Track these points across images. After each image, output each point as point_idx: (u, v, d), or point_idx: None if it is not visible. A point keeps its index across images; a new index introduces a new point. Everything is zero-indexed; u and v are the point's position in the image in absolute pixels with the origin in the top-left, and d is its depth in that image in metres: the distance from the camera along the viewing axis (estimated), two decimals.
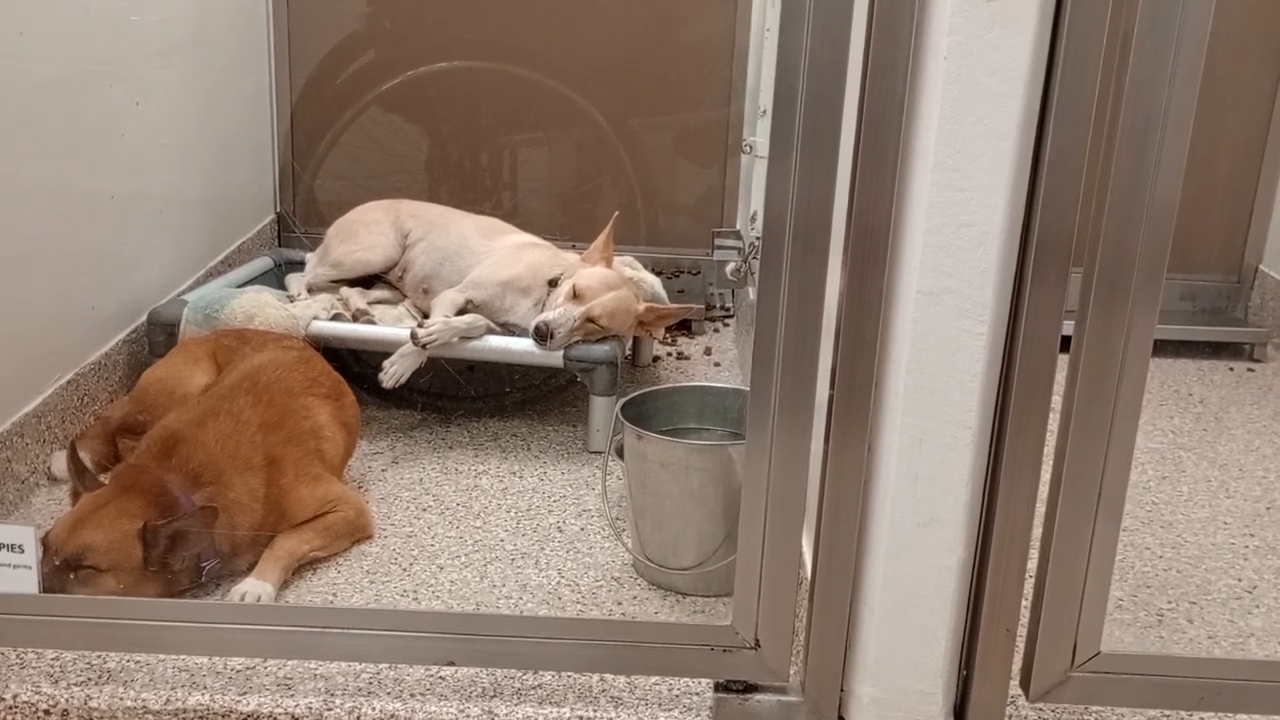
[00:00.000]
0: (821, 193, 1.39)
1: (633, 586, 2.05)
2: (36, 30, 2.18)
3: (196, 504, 1.92)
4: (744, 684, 1.61)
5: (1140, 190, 1.36)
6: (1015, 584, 1.52)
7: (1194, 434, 2.82)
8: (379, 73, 3.39)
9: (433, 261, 2.86)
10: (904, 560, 1.52)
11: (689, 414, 2.22)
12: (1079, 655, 1.54)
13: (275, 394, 2.17)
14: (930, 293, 1.41)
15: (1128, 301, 1.40)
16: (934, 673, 1.56)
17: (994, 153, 1.35)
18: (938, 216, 1.38)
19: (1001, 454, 1.47)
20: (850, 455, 1.48)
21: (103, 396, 2.48)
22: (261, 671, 1.67)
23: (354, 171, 3.45)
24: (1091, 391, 1.44)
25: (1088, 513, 1.48)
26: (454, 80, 3.40)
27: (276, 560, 1.99)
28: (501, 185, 3.55)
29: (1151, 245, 1.38)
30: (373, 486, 2.38)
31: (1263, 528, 2.36)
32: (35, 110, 2.21)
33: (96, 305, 2.50)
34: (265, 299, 2.67)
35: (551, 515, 2.29)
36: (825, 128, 1.36)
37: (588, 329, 2.57)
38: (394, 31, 3.40)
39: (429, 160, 3.50)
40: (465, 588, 2.01)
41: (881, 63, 1.34)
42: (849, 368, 1.45)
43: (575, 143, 3.47)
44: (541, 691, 1.65)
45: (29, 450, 2.21)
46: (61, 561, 1.80)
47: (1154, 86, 1.32)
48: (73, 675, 1.65)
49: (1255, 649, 1.94)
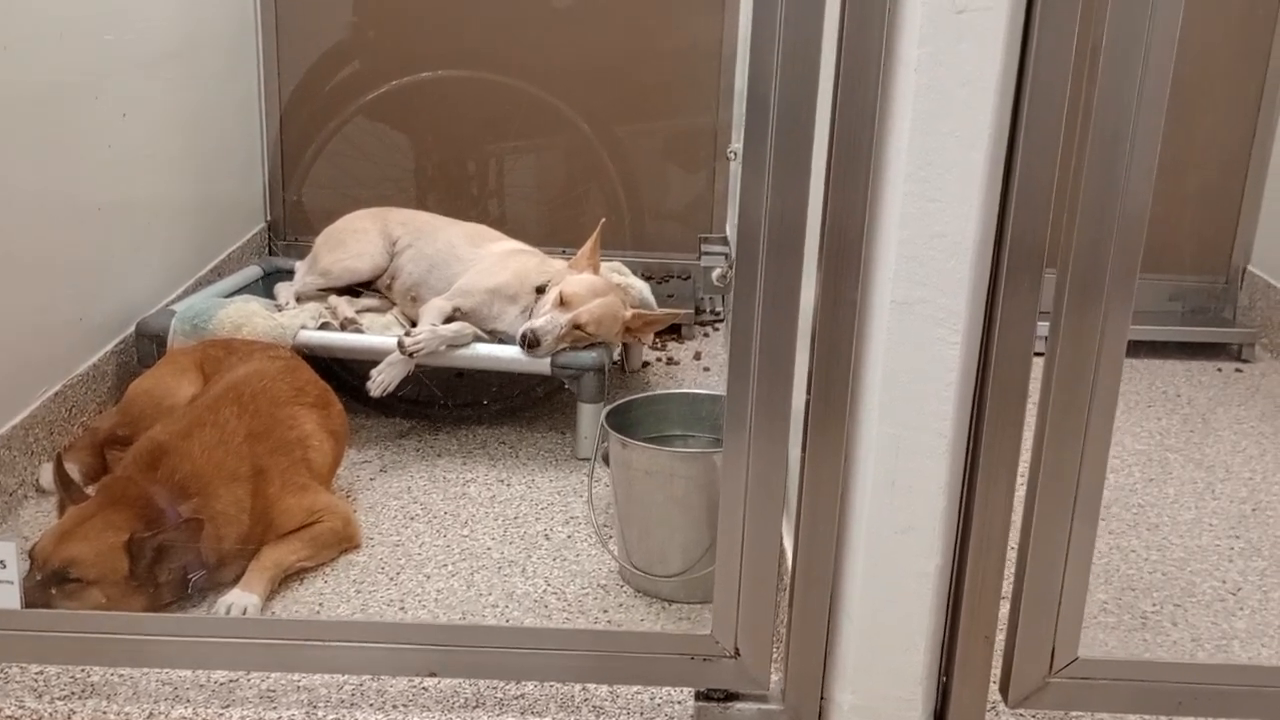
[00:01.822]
0: (795, 203, 1.39)
1: (619, 594, 2.06)
2: (18, 43, 2.18)
3: (182, 515, 1.93)
4: (725, 692, 1.61)
5: (1111, 196, 1.36)
6: (993, 590, 1.52)
7: (1181, 435, 2.83)
8: (366, 82, 3.40)
9: (420, 269, 2.87)
10: (882, 567, 1.52)
11: (674, 421, 2.23)
12: (1057, 661, 1.54)
13: (261, 404, 2.18)
14: (904, 302, 1.41)
15: (1101, 306, 1.41)
16: (914, 679, 1.57)
17: (965, 163, 1.36)
18: (910, 227, 1.38)
19: (978, 460, 1.48)
20: (827, 463, 1.49)
21: (91, 408, 2.49)
22: (244, 684, 1.68)
23: (342, 180, 3.46)
24: (1066, 396, 1.45)
25: (1064, 517, 1.49)
26: (440, 89, 3.41)
27: (263, 571, 1.99)
28: (488, 193, 3.55)
29: (1123, 250, 1.39)
30: (360, 495, 2.38)
31: (1248, 529, 2.36)
32: (20, 122, 2.22)
33: (84, 316, 2.50)
34: (253, 308, 2.68)
35: (539, 523, 2.30)
36: (797, 138, 1.37)
37: (575, 335, 2.57)
38: (380, 41, 3.41)
39: (416, 168, 3.51)
40: (452, 596, 2.01)
41: (852, 74, 1.35)
42: (825, 376, 1.45)
43: (562, 150, 3.48)
44: (524, 701, 1.66)
45: (16, 463, 2.21)
46: (48, 574, 1.80)
47: (1123, 95, 1.33)
48: (56, 689, 1.66)
49: (1239, 651, 1.95)
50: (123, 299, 2.67)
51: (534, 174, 3.53)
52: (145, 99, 2.74)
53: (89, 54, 2.48)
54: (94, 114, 2.51)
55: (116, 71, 2.59)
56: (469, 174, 3.52)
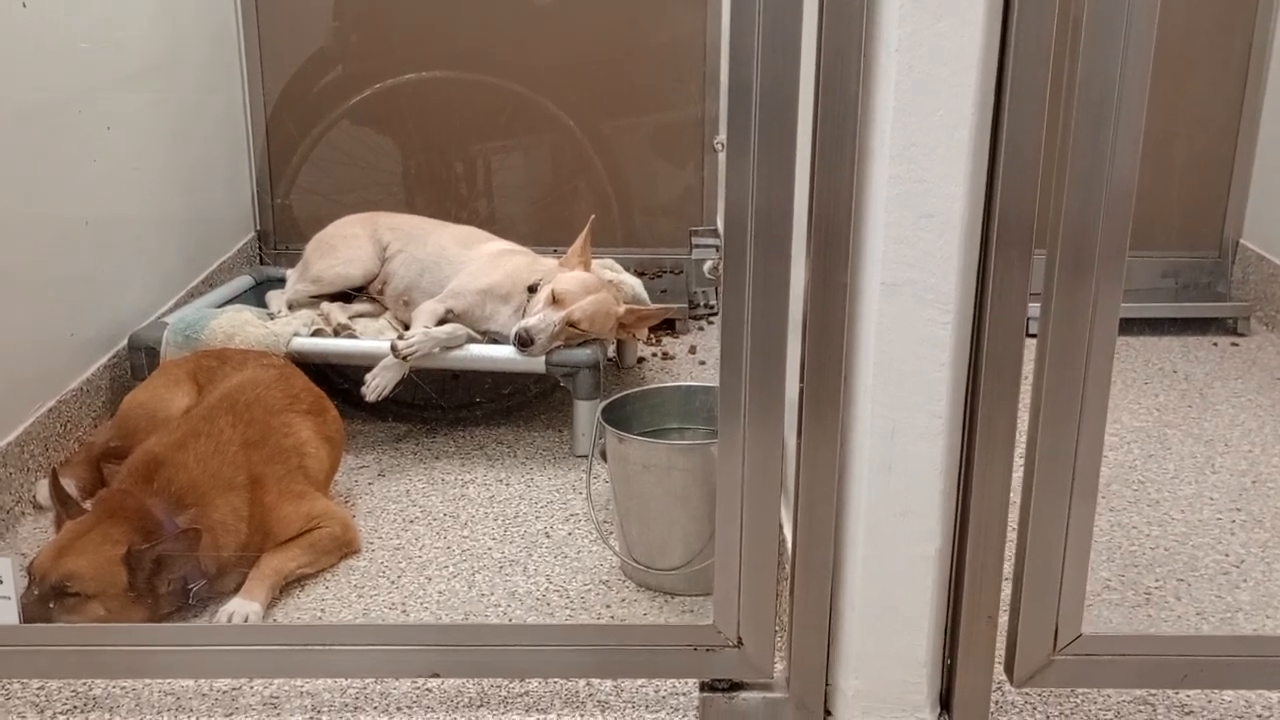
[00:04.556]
0: (781, 189, 1.39)
1: (621, 589, 2.05)
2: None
3: (180, 526, 1.92)
4: (729, 682, 1.61)
5: (1098, 171, 1.36)
6: (994, 570, 1.52)
7: (1179, 411, 2.83)
8: (350, 86, 3.39)
9: (412, 273, 2.86)
10: (882, 552, 1.52)
11: (671, 414, 2.23)
12: (1061, 638, 1.54)
13: (256, 413, 2.17)
14: (894, 284, 1.41)
15: (1091, 282, 1.40)
16: (917, 663, 1.56)
17: (950, 142, 1.35)
18: (897, 209, 1.38)
19: (974, 441, 1.48)
20: (823, 449, 1.49)
21: (86, 423, 2.48)
22: (248, 692, 1.67)
23: (330, 186, 3.45)
24: (1060, 373, 1.44)
25: (1063, 495, 1.49)
26: (425, 91, 3.40)
27: (263, 579, 1.99)
28: (477, 194, 3.55)
29: (1112, 225, 1.38)
30: (359, 500, 2.38)
31: (1249, 501, 2.36)
32: (5, 138, 2.21)
33: (76, 331, 2.50)
34: (245, 317, 2.67)
35: (539, 521, 2.29)
36: (781, 125, 1.36)
37: (569, 333, 2.57)
38: (362, 45, 3.40)
39: (404, 172, 3.50)
40: (454, 598, 2.01)
41: (833, 57, 1.34)
42: (817, 362, 1.45)
43: (549, 148, 3.47)
44: (528, 699, 1.66)
45: (12, 480, 2.21)
46: (47, 589, 1.80)
47: (1106, 68, 1.32)
48: (58, 704, 1.65)
49: (1243, 623, 1.94)
50: (114, 313, 2.66)
51: (522, 173, 3.53)
52: (129, 112, 2.73)
53: (71, 69, 2.47)
54: (78, 129, 2.50)
55: (99, 86, 2.59)
56: (457, 175, 3.52)
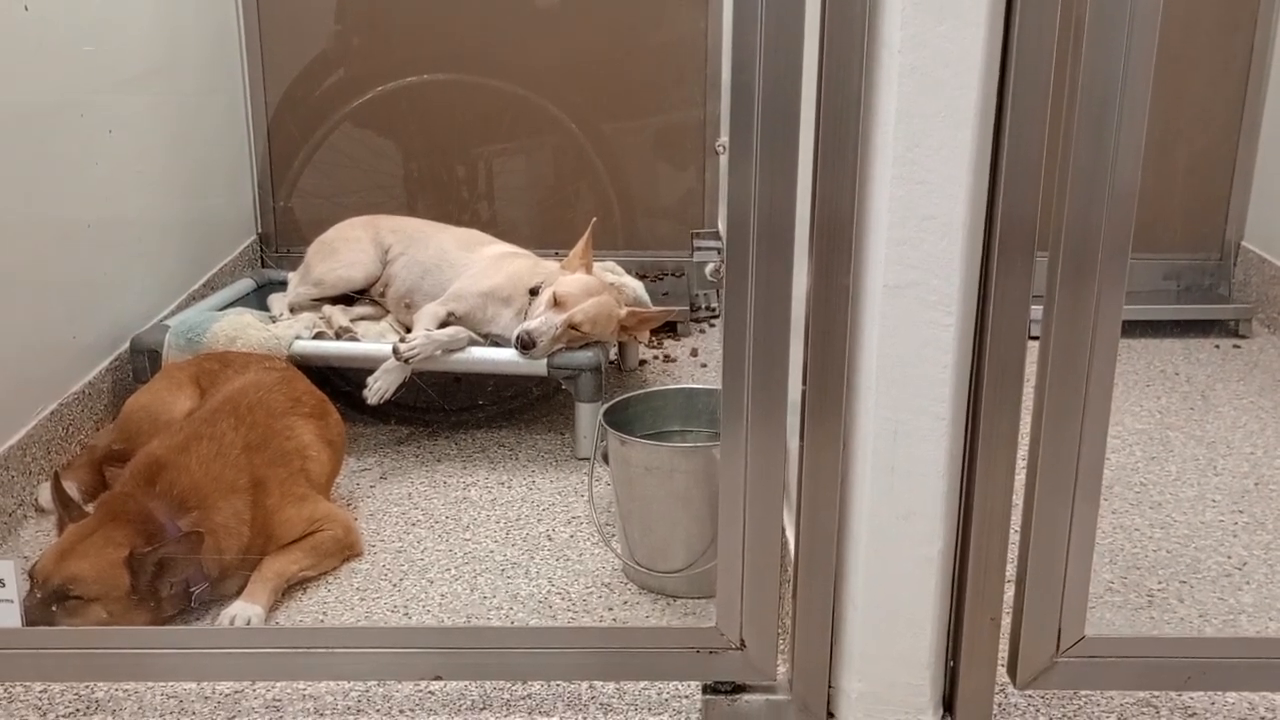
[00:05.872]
0: (783, 191, 1.39)
1: (623, 591, 2.05)
2: (1, 64, 2.18)
3: (182, 529, 1.92)
4: (732, 684, 1.61)
5: (1101, 172, 1.36)
6: (997, 572, 1.52)
7: (1181, 413, 2.82)
8: (351, 89, 3.39)
9: (413, 276, 2.86)
10: (885, 554, 1.52)
11: (673, 417, 2.22)
12: (1064, 640, 1.54)
13: (258, 416, 2.17)
14: (896, 286, 1.41)
15: (1094, 283, 1.40)
16: (921, 665, 1.56)
17: (953, 144, 1.35)
18: (900, 210, 1.38)
19: (977, 443, 1.47)
20: (826, 451, 1.48)
21: (88, 426, 2.48)
22: (250, 695, 1.67)
23: (331, 189, 3.45)
24: (1062, 375, 1.44)
25: (1065, 497, 1.49)
26: (426, 93, 3.40)
27: (265, 582, 1.99)
28: (479, 196, 3.55)
29: (1115, 226, 1.38)
30: (361, 503, 2.38)
31: (1251, 503, 2.36)
32: (7, 142, 2.21)
33: (77, 335, 2.50)
34: (247, 320, 2.67)
35: (541, 524, 2.29)
36: (783, 127, 1.36)
37: (570, 336, 2.57)
38: (364, 48, 3.40)
39: (406, 174, 3.50)
40: (456, 601, 2.01)
41: (836, 59, 1.34)
42: (820, 364, 1.45)
43: (550, 150, 3.47)
44: (531, 701, 1.65)
45: (14, 483, 2.21)
46: (49, 593, 1.80)
47: (1109, 70, 1.32)
48: (61, 707, 1.65)
49: (1247, 625, 1.94)
50: (116, 316, 2.66)
51: (523, 176, 3.53)
52: (131, 115, 2.73)
53: (73, 72, 2.47)
54: (80, 131, 2.51)
55: (101, 89, 2.59)
56: (458, 178, 3.52)
